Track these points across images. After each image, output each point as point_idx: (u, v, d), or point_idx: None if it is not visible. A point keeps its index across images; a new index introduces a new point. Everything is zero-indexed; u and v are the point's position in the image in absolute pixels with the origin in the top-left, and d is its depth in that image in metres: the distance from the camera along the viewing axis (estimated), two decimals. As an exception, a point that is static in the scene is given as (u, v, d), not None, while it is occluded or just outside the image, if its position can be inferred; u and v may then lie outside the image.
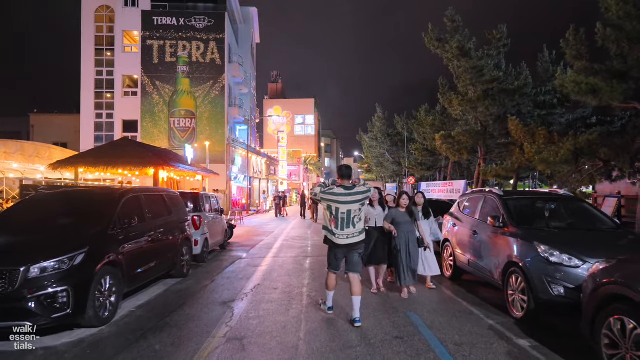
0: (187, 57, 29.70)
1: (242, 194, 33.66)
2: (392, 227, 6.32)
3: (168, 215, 7.56)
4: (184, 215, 8.51)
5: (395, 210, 6.57)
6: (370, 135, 41.39)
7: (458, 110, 17.56)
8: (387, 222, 6.43)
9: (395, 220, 6.40)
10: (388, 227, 6.38)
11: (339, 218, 5.01)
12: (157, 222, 6.95)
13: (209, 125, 29.75)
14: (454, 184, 19.96)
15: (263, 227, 19.15)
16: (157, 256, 6.80)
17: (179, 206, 8.35)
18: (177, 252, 7.71)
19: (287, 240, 13.81)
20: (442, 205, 11.49)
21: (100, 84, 30.80)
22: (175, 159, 17.47)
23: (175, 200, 8.26)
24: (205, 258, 9.76)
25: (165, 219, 7.38)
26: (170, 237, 7.42)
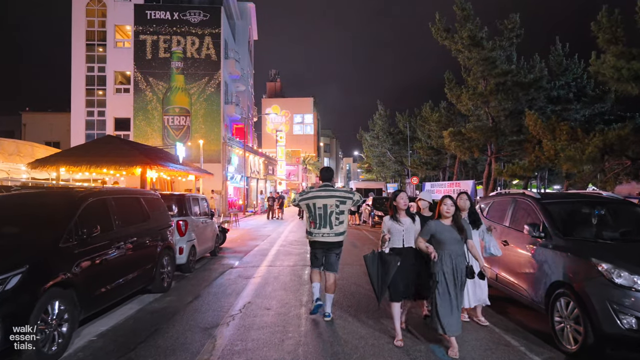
0: (181, 53, 28.63)
1: (239, 194, 32.62)
2: (430, 248, 4.25)
3: (144, 221, 6.51)
4: (166, 221, 7.45)
5: (436, 222, 4.39)
6: (372, 134, 40.22)
7: (468, 105, 16.52)
8: (423, 240, 4.39)
9: (437, 238, 4.31)
10: (424, 247, 4.31)
11: (316, 215, 5.27)
12: (129, 230, 5.90)
13: (204, 124, 28.69)
14: (461, 184, 18.95)
15: (259, 230, 18.10)
16: (129, 270, 5.75)
17: (159, 210, 7.30)
18: (156, 263, 6.66)
19: (284, 246, 12.76)
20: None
21: (91, 80, 29.71)
22: (166, 157, 16.41)
23: (155, 204, 7.21)
24: (192, 268, 8.71)
25: (140, 225, 6.33)
26: (146, 246, 6.37)
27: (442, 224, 4.37)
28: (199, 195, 10.32)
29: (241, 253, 11.38)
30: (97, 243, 4.98)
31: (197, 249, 9.17)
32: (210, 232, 10.56)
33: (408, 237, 4.62)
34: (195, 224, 9.24)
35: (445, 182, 20.89)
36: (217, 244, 11.32)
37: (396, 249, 4.59)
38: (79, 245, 4.67)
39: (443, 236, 4.29)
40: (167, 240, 7.25)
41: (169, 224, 7.57)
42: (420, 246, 4.41)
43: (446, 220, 4.39)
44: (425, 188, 23.40)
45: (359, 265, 9.03)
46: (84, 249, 4.74)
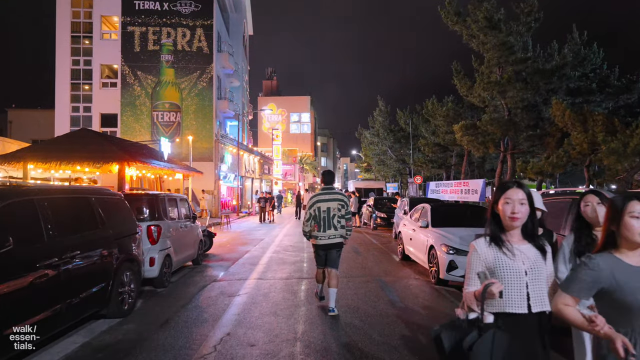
0: (171, 45, 27.17)
1: (233, 194, 31.19)
2: (600, 325, 1.76)
3: (96, 228, 5.11)
4: (129, 227, 6.05)
5: (610, 258, 1.89)
6: (371, 131, 38.61)
7: (482, 95, 15.12)
8: (575, 303, 1.93)
9: (619, 298, 1.84)
10: (583, 322, 1.83)
11: (321, 217, 5.52)
12: (70, 241, 4.49)
13: (196, 120, 27.24)
14: (470, 184, 17.55)
15: (252, 233, 16.68)
16: (67, 294, 4.34)
17: (119, 214, 5.90)
18: (112, 281, 5.26)
19: (277, 252, 11.35)
20: (478, 211, 9.08)
21: (76, 74, 28.19)
22: (149, 154, 14.99)
23: (114, 206, 5.81)
24: (166, 281, 7.29)
25: (89, 234, 4.93)
26: (97, 260, 4.97)
27: (624, 264, 1.87)
28: (178, 196, 8.90)
29: (228, 261, 9.98)
30: (8, 263, 3.58)
31: (174, 258, 7.76)
32: (192, 238, 9.15)
33: (536, 288, 2.10)
34: (171, 229, 7.84)
35: (451, 182, 19.51)
36: (202, 250, 9.92)
37: (511, 316, 2.06)
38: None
39: (635, 295, 1.80)
40: (130, 251, 5.84)
41: (133, 230, 6.17)
42: (573, 318, 1.90)
43: (634, 254, 1.89)
44: (430, 188, 22.03)
45: (365, 279, 7.64)
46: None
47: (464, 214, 8.96)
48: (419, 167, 27.25)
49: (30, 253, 3.87)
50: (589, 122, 10.38)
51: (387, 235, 15.64)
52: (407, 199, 13.86)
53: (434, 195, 21.24)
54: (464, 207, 10.59)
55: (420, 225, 8.48)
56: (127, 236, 5.91)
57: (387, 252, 11.59)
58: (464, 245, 6.96)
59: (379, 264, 9.60)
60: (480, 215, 8.73)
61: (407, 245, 9.46)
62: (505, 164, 15.68)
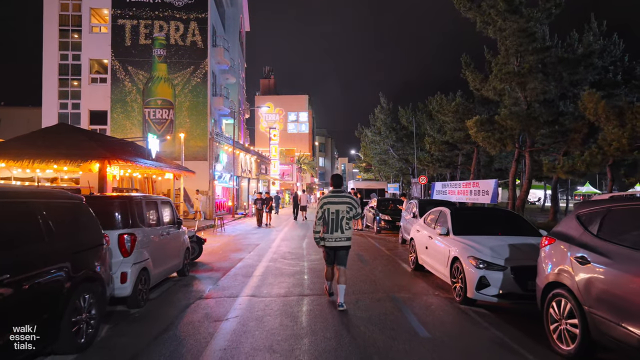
0: (164, 39, 25.97)
1: (228, 195, 30.02)
2: None
3: (39, 242, 3.97)
4: (92, 237, 4.93)
5: None
6: (373, 130, 37.28)
7: (499, 87, 13.95)
8: None
9: None
10: None
11: (330, 219, 5.84)
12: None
13: (189, 117, 26.05)
14: (480, 184, 16.47)
15: (247, 237, 15.53)
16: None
17: (78, 222, 4.76)
18: (64, 307, 4.12)
19: (274, 261, 10.20)
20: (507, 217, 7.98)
21: (65, 69, 26.96)
22: (135, 152, 13.82)
23: (70, 213, 4.67)
24: (142, 300, 6.15)
25: (27, 250, 3.79)
26: (38, 284, 3.82)
27: None
28: (159, 198, 7.75)
29: (219, 272, 8.83)
30: None
31: (153, 271, 6.62)
32: (176, 246, 8.01)
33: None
34: (150, 238, 6.70)
35: (459, 182, 18.40)
36: (189, 259, 8.78)
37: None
38: None
39: None
40: (91, 268, 4.70)
41: (97, 241, 5.03)
42: None
43: None
44: (435, 188, 20.94)
45: (376, 296, 6.50)
46: None
47: (491, 219, 7.83)
48: (424, 167, 26.00)
49: None
50: (626, 115, 9.26)
51: (394, 240, 14.51)
52: (415, 201, 12.74)
53: (440, 196, 20.17)
54: (490, 211, 9.40)
55: (439, 233, 7.35)
56: (88, 249, 4.77)
57: (396, 260, 10.46)
58: (497, 258, 5.85)
59: (390, 275, 8.47)
60: (510, 221, 7.63)
61: (422, 255, 8.34)
62: (520, 163, 14.57)
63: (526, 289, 5.55)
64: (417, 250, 8.64)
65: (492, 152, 15.64)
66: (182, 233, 8.45)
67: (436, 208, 8.63)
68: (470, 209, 10.73)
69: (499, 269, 5.72)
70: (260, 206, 20.19)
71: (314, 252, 11.58)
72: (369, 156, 43.51)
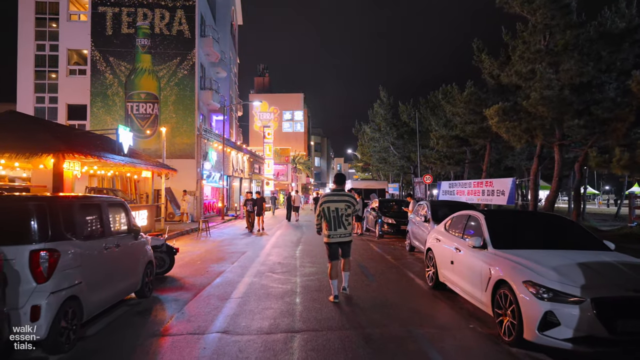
0: (148, 28, 24.12)
1: (218, 195, 28.21)
2: None
3: None
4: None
5: None
6: (372, 126, 35.26)
7: (524, 70, 12.21)
8: None
9: None
10: None
11: (331, 217, 6.18)
12: None
13: (176, 112, 24.21)
14: (495, 184, 14.80)
15: (234, 243, 13.77)
16: None
17: None
18: None
19: (261, 275, 8.44)
20: (561, 224, 6.27)
21: (41, 60, 25.09)
22: (101, 146, 12.02)
23: None
24: (65, 344, 4.38)
25: None
26: None
27: None
28: (106, 199, 5.94)
29: (190, 291, 7.08)
30: None
31: (90, 299, 4.86)
32: (131, 262, 6.24)
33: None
34: (87, 254, 4.93)
35: (468, 181, 16.72)
36: (152, 276, 7.00)
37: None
38: None
39: None
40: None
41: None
42: None
43: None
44: (442, 188, 19.25)
45: (391, 332, 4.73)
46: None
47: (538, 227, 6.05)
48: (430, 164, 24.14)
49: None
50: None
51: (400, 247, 12.80)
52: (426, 202, 11.03)
53: (447, 196, 18.50)
54: (533, 216, 7.54)
55: (471, 245, 5.62)
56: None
57: (407, 273, 8.75)
58: (568, 285, 4.12)
59: (404, 296, 6.75)
60: (563, 230, 5.93)
61: (445, 271, 6.62)
62: (544, 159, 12.85)
63: (615, 331, 3.84)
64: (438, 264, 6.92)
65: (517, 145, 13.81)
66: (141, 244, 6.67)
67: (461, 212, 6.91)
68: (509, 213, 9.00)
69: (575, 301, 4.00)
70: (250, 208, 17.38)
71: (308, 262, 9.84)
72: (367, 155, 41.62)
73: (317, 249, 12.22)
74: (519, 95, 13.50)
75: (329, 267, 6.36)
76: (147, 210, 14.17)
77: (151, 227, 14.61)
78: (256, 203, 17.33)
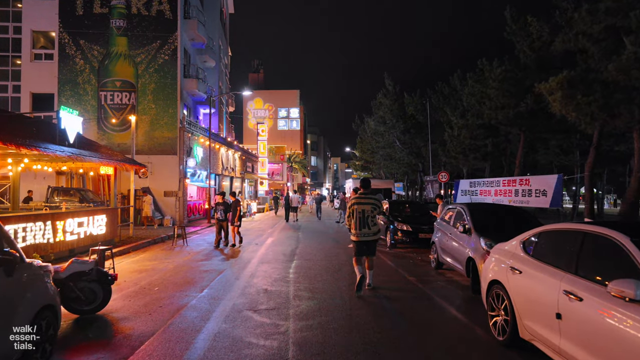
0: (124, 8, 21.35)
1: (205, 196, 25.46)
2: None
3: None
4: None
5: None
6: (376, 118, 32.21)
7: (596, 29, 9.43)
8: None
9: None
10: None
11: (357, 218, 6.81)
12: None
13: (155, 102, 21.44)
14: (533, 182, 12.16)
15: (212, 257, 11.05)
16: None
17: None
18: None
19: (234, 318, 5.73)
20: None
21: (4, 44, 22.33)
22: (36, 134, 9.25)
23: None
24: None
25: None
26: None
27: None
28: None
29: (120, 349, 4.39)
30: None
31: None
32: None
33: None
34: None
35: (496, 179, 14.07)
36: (51, 330, 4.29)
37: None
38: None
39: None
40: None
41: None
42: None
43: None
44: (460, 188, 16.62)
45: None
46: None
47: None
48: (454, 159, 21.26)
49: None
50: None
51: (420, 261, 10.14)
52: (464, 207, 8.35)
53: (467, 197, 15.87)
54: None
55: (621, 295, 2.93)
56: None
57: (446, 307, 6.10)
58: None
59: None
60: None
61: (537, 325, 3.94)
62: (602, 149, 10.18)
63: None
64: (520, 311, 4.25)
65: (589, 129, 11.09)
66: (23, 281, 3.96)
67: (565, 226, 4.24)
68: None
69: None
70: (221, 215, 12.36)
71: (306, 289, 7.14)
72: (368, 152, 38.72)
73: (317, 265, 9.55)
74: (579, 65, 10.76)
75: (354, 260, 6.96)
76: (106, 214, 11.44)
77: (112, 235, 11.90)
78: (229, 208, 12.60)
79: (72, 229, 9.97)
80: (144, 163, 19.64)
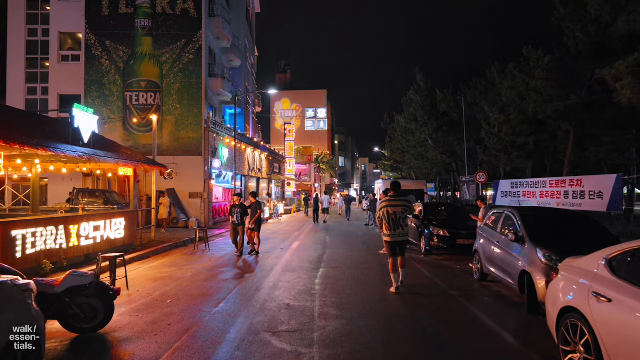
0: (149, 7, 21.10)
1: (231, 198, 24.96)
2: None
3: None
4: None
5: None
6: (406, 116, 30.89)
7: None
8: None
9: None
10: None
11: (390, 219, 7.10)
12: None
13: (180, 102, 21.07)
14: (586, 182, 10.92)
15: (232, 264, 10.36)
16: None
17: None
18: None
19: (251, 342, 4.93)
20: None
21: (33, 47, 22.49)
22: (47, 133, 8.77)
23: None
24: None
25: None
26: None
27: None
28: None
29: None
30: None
31: None
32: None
33: None
34: None
35: (542, 179, 12.84)
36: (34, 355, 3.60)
37: None
38: None
39: None
40: None
41: None
42: None
43: None
44: (500, 189, 15.40)
45: None
46: None
47: None
48: (494, 158, 19.88)
49: None
50: None
51: (459, 270, 9.13)
52: (513, 211, 7.30)
53: (508, 199, 14.67)
54: None
55: None
56: None
57: (499, 330, 5.13)
58: None
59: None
60: None
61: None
62: None
63: None
64: (620, 357, 3.26)
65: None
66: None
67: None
68: None
69: None
70: (237, 219, 11.32)
71: (333, 305, 6.29)
72: (398, 152, 37.43)
73: (346, 274, 8.69)
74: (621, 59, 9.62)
75: (389, 263, 7.19)
76: (125, 217, 10.92)
77: (131, 238, 11.39)
78: (246, 211, 11.50)
79: (88, 233, 9.46)
80: (170, 164, 19.44)
